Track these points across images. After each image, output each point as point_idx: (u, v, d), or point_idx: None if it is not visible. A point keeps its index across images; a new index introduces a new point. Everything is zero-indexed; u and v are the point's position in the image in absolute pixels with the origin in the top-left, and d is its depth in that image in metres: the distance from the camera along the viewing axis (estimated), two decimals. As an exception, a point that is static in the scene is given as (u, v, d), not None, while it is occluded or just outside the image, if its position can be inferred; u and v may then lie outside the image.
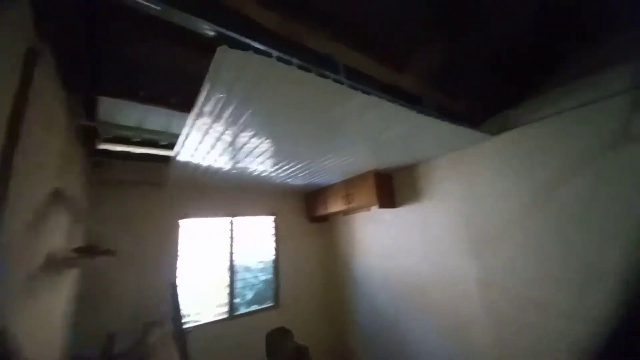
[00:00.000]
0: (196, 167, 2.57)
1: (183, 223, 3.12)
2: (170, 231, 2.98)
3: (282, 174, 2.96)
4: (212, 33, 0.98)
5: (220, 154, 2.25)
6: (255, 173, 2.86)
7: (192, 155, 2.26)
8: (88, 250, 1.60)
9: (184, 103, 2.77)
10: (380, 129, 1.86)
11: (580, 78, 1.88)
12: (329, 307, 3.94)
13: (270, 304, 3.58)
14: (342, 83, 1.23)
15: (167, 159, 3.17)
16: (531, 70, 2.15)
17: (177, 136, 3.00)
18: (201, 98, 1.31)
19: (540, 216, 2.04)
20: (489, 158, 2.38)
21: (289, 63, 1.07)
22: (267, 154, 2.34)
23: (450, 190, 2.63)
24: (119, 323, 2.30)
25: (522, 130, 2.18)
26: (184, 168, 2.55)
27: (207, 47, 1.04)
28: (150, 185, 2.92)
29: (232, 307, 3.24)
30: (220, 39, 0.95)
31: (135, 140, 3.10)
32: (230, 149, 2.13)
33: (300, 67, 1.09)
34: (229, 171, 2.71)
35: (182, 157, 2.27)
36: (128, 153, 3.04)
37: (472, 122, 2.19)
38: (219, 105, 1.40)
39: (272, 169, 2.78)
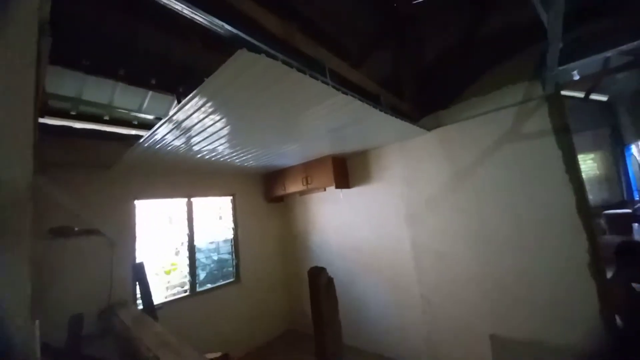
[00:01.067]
0: (158, 150, 2.50)
1: (139, 204, 3.02)
2: (124, 213, 2.87)
3: (244, 157, 3.08)
4: (228, 35, 1.13)
5: (190, 139, 2.26)
6: (218, 156, 2.91)
7: (164, 136, 2.21)
8: (65, 231, 1.57)
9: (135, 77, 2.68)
10: (346, 124, 2.19)
11: (489, 92, 2.52)
12: (287, 279, 4.31)
13: (231, 280, 3.75)
14: (327, 84, 1.49)
15: (113, 136, 2.99)
16: (454, 82, 2.76)
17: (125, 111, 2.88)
18: (203, 88, 1.40)
19: (459, 192, 2.70)
20: (424, 148, 2.95)
21: (290, 66, 1.28)
22: (238, 141, 2.45)
23: (394, 173, 3.16)
24: (76, 307, 2.22)
25: (448, 128, 2.78)
26: (145, 150, 2.47)
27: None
28: (96, 167, 2.74)
29: (193, 284, 3.32)
30: (238, 42, 1.11)
31: (71, 113, 2.86)
32: (203, 134, 2.15)
33: (298, 70, 1.31)
34: (192, 154, 2.71)
35: (150, 139, 2.21)
36: (67, 130, 2.79)
37: (413, 119, 2.69)
38: (212, 94, 1.51)
39: (237, 153, 2.89)
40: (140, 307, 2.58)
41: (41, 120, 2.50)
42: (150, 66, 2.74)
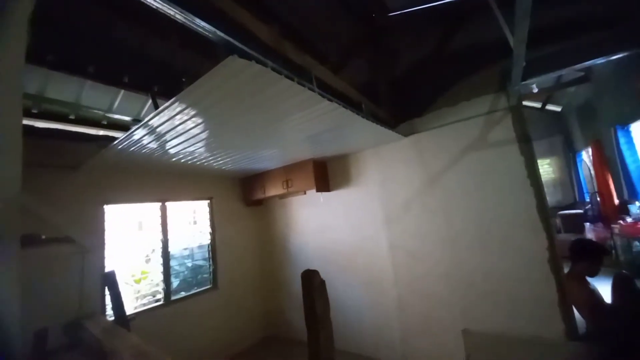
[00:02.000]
0: (132, 153, 2.37)
1: (108, 209, 2.85)
2: (92, 219, 2.70)
3: (223, 160, 3.02)
4: (219, 40, 1.13)
5: (167, 142, 2.17)
6: (195, 160, 2.83)
7: (137, 141, 2.11)
8: (29, 240, 1.46)
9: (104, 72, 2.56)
10: (329, 129, 2.25)
11: (459, 103, 2.71)
12: (266, 284, 4.25)
13: (208, 287, 3.64)
14: (313, 91, 1.53)
15: (84, 138, 2.82)
16: (427, 92, 2.93)
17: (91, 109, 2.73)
18: (189, 92, 1.37)
19: (431, 195, 2.86)
20: (399, 154, 3.09)
21: (279, 73, 1.30)
22: (218, 144, 2.41)
23: (372, 177, 3.27)
24: (41, 321, 2.04)
25: (421, 135, 2.94)
26: (118, 153, 2.34)
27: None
28: (61, 168, 2.56)
29: (168, 292, 3.19)
30: (230, 48, 1.11)
31: (32, 111, 2.68)
32: (181, 137, 2.08)
33: (287, 77, 1.34)
34: (168, 157, 2.61)
35: (124, 142, 2.10)
36: (28, 129, 2.59)
37: (390, 126, 2.81)
38: (196, 99, 1.48)
39: (214, 157, 2.83)
40: (111, 318, 2.43)
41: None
42: (123, 63, 2.62)
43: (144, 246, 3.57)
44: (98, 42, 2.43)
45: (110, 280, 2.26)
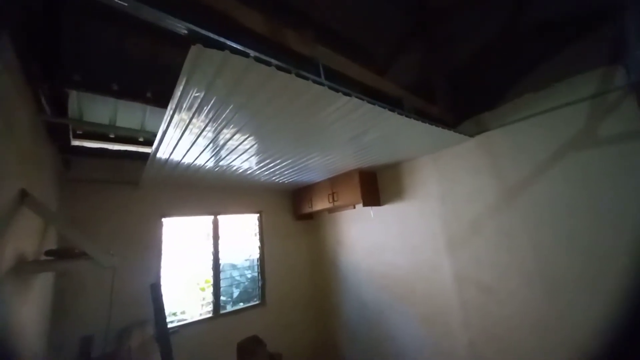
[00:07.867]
0: (176, 165, 2.50)
1: (166, 222, 3.06)
2: (150, 231, 2.92)
3: (266, 172, 2.94)
4: (184, 31, 0.97)
5: (202, 151, 2.20)
6: (239, 171, 2.83)
7: (171, 153, 2.20)
8: (62, 253, 1.55)
9: (161, 98, 2.72)
10: (364, 130, 1.90)
11: (547, 86, 1.99)
12: (314, 304, 4.00)
13: (256, 302, 3.58)
14: (322, 84, 1.25)
15: (146, 156, 3.11)
16: (499, 79, 2.28)
17: (154, 133, 2.96)
18: (177, 94, 1.28)
19: (509, 213, 2.17)
20: (463, 159, 2.49)
21: (267, 64, 1.07)
22: (251, 152, 2.31)
23: (430, 190, 2.72)
24: (94, 327, 2.19)
25: (493, 134, 2.29)
26: (162, 166, 2.48)
27: (184, 42, 1.03)
28: (127, 184, 2.84)
29: (217, 305, 3.22)
30: (195, 38, 0.94)
31: (110, 136, 3.02)
32: (212, 145, 2.07)
33: (278, 68, 1.10)
34: (211, 169, 2.67)
35: (161, 155, 2.21)
36: (104, 150, 2.95)
37: (447, 124, 2.27)
38: (197, 102, 1.37)
39: (256, 167, 2.76)
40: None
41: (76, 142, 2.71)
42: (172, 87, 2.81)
43: (209, 256, 3.73)
44: (152, 70, 2.66)
45: (154, 291, 2.33)
